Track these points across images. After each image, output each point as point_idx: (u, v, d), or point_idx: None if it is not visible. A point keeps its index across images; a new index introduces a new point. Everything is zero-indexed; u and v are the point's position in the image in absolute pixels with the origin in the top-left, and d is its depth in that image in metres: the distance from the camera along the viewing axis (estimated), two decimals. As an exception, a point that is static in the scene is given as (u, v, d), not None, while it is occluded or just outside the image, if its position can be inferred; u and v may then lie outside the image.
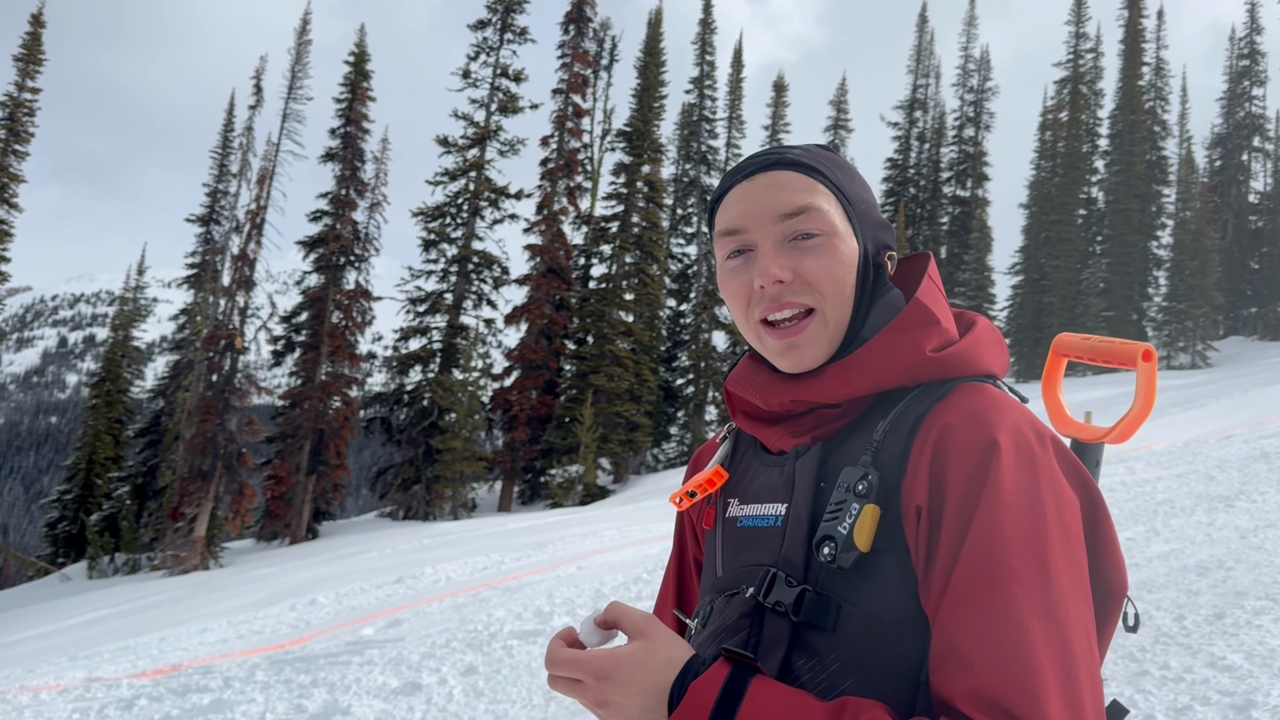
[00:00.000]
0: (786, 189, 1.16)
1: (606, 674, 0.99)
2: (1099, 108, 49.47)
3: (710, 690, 0.97)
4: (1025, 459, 1.03)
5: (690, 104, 43.57)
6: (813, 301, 1.15)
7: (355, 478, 40.80)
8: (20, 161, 33.88)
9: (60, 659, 11.08)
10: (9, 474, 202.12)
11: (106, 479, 37.94)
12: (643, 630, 1.03)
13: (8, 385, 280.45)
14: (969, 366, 1.14)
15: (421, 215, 33.96)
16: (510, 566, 12.87)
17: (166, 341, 40.18)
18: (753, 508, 1.21)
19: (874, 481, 1.06)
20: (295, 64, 32.76)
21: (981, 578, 0.98)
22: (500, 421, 33.92)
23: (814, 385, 1.15)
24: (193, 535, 27.34)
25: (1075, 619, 0.98)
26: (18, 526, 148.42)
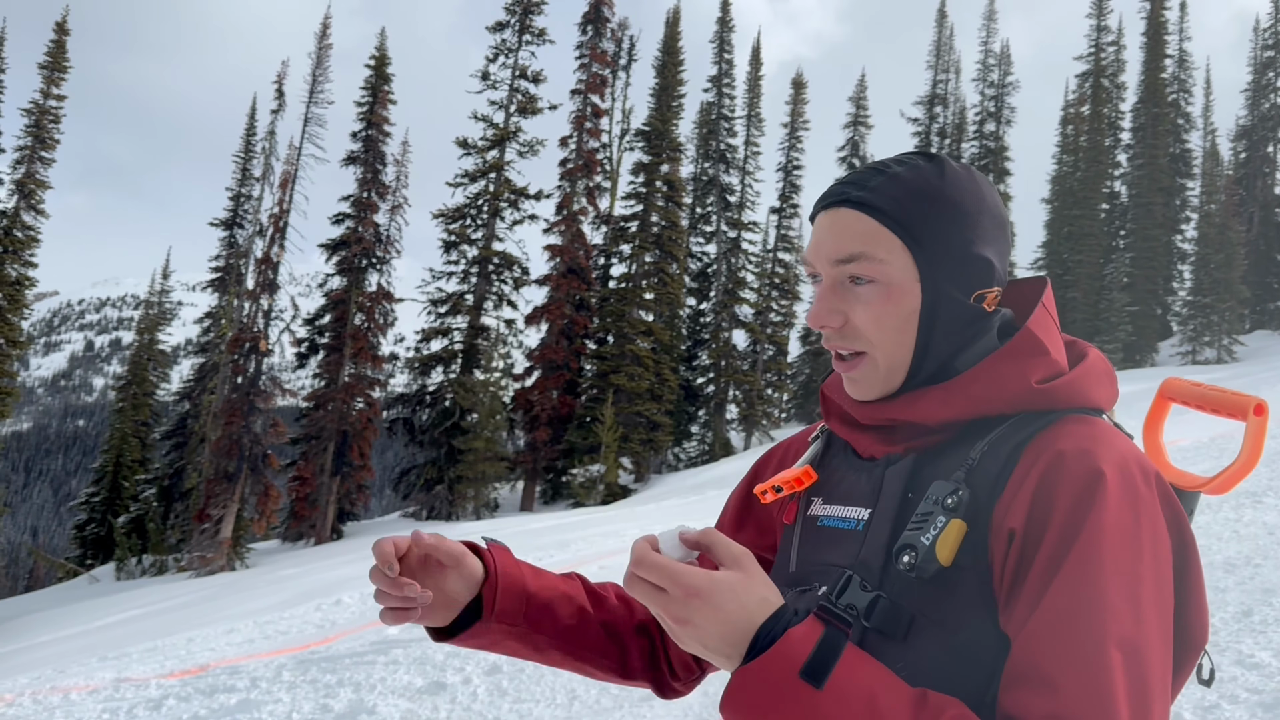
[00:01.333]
0: (845, 233, 1.14)
1: (700, 592, 0.96)
2: (1121, 101, 49.05)
3: (806, 643, 0.94)
4: (1130, 495, 1.02)
5: (709, 103, 43.53)
6: (863, 347, 1.15)
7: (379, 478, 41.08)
8: (46, 168, 34.25)
9: (90, 660, 11.20)
10: (38, 477, 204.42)
11: (133, 481, 38.33)
12: (740, 562, 0.99)
13: (36, 389, 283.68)
14: (1076, 399, 1.13)
15: (442, 217, 34.11)
16: (533, 566, 12.90)
17: (192, 344, 40.53)
18: (836, 509, 1.21)
19: (964, 498, 1.05)
20: (316, 68, 32.99)
21: (1074, 604, 0.97)
22: (522, 421, 34.03)
23: (913, 406, 1.14)
24: (219, 536, 27.58)
25: (1157, 659, 0.97)
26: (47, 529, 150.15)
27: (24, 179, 33.45)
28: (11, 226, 32.87)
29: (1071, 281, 43.77)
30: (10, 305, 32.63)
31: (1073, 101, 48.46)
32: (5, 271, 32.59)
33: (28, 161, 33.66)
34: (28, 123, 33.88)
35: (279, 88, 33.07)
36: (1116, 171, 48.12)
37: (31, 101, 33.90)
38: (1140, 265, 44.21)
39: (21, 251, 33.01)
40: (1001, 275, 1.20)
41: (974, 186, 1.17)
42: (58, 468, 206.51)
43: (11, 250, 32.73)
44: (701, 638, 0.97)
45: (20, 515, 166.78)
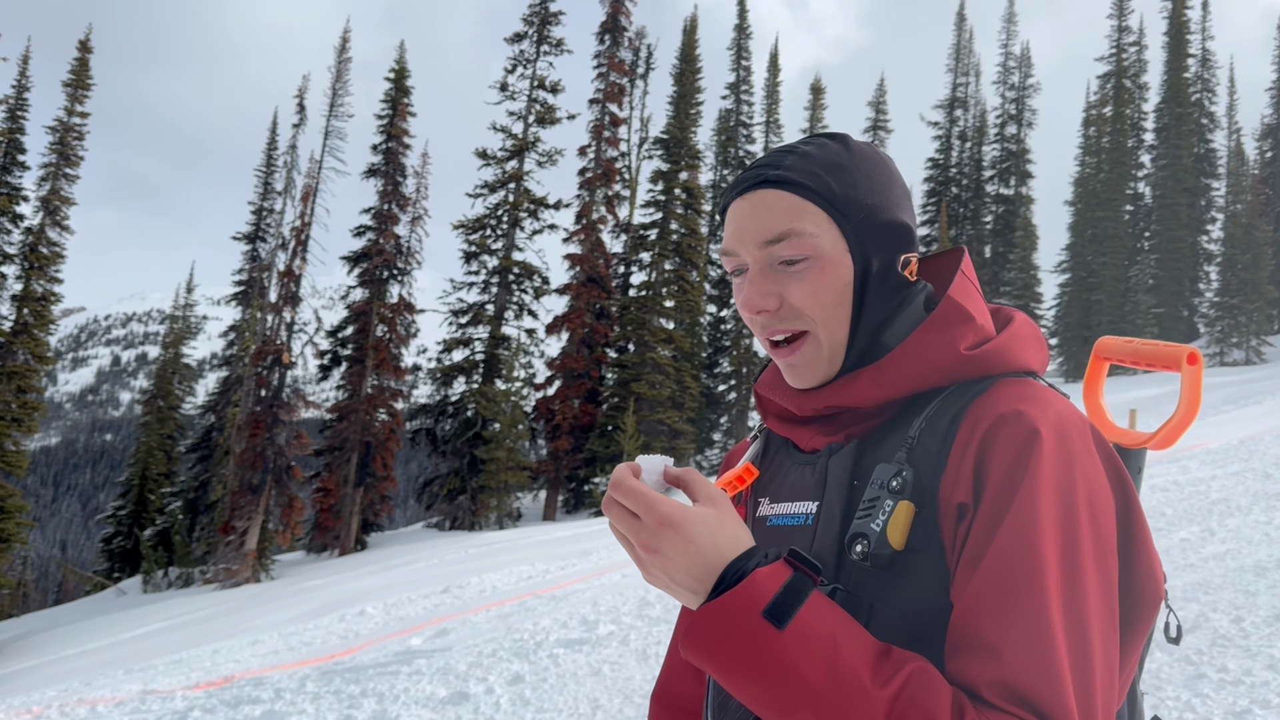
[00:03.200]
0: (770, 212, 1.12)
1: (672, 522, 0.96)
2: (1144, 101, 48.72)
3: (773, 583, 0.93)
4: (1065, 452, 1.01)
5: (727, 109, 43.56)
6: (804, 325, 1.14)
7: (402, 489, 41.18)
8: (71, 185, 34.64)
9: (116, 672, 11.28)
10: (66, 491, 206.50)
11: (159, 494, 38.62)
12: (716, 500, 0.99)
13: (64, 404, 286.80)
14: (1007, 364, 1.12)
15: (462, 228, 34.24)
16: (555, 575, 12.90)
17: (216, 358, 40.84)
18: (783, 506, 1.20)
19: (908, 478, 1.04)
20: (336, 82, 33.22)
21: (1013, 568, 0.96)
22: (543, 431, 34.06)
23: (847, 391, 1.13)
24: (244, 548, 27.72)
25: (1095, 615, 0.96)
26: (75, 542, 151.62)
27: (49, 196, 33.84)
28: (37, 243, 33.25)
29: (1096, 284, 43.44)
30: (37, 321, 32.99)
31: (1095, 103, 48.15)
32: (31, 288, 32.96)
33: (53, 178, 34.06)
34: (52, 140, 34.29)
35: (300, 101, 33.32)
36: (1140, 173, 47.76)
37: (56, 119, 34.32)
38: (1166, 267, 43.83)
39: (47, 268, 33.38)
40: (916, 242, 1.20)
41: (879, 158, 1.18)
42: (86, 482, 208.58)
43: (37, 267, 33.11)
44: (668, 569, 0.96)
45: (49, 529, 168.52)
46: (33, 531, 35.45)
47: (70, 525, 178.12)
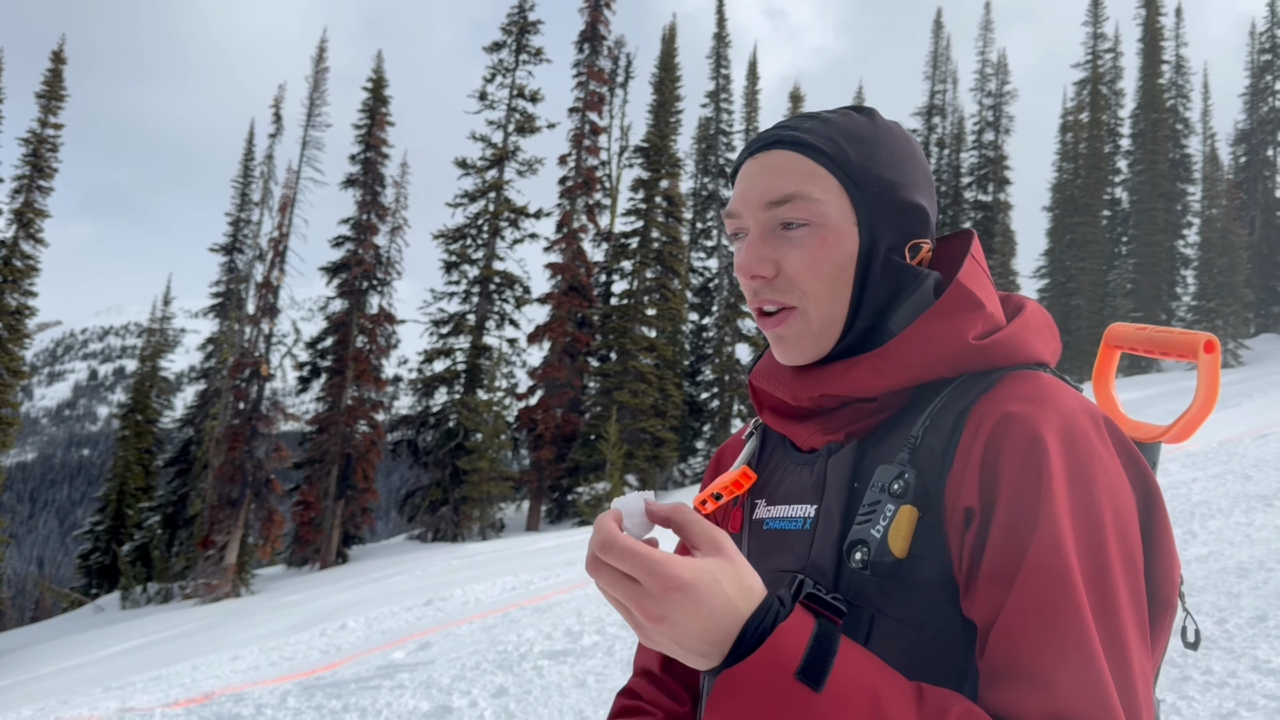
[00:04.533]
0: (779, 173, 1.06)
1: (682, 585, 0.82)
2: (1120, 108, 49.15)
3: (800, 637, 0.84)
4: (1085, 453, 0.95)
5: (707, 118, 43.66)
6: (794, 300, 1.07)
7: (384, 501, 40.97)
8: (45, 197, 34.34)
9: (94, 690, 11.13)
10: (43, 507, 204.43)
11: (138, 509, 38.27)
12: (720, 546, 0.87)
13: (40, 419, 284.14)
14: (1017, 354, 1.05)
15: (442, 237, 34.16)
16: (539, 586, 12.82)
17: (194, 371, 40.63)
18: (780, 509, 1.12)
19: (911, 481, 0.97)
20: (314, 91, 33.12)
21: (1048, 589, 0.90)
22: (526, 441, 33.97)
23: (846, 377, 1.06)
24: (224, 563, 27.49)
25: (1130, 628, 0.91)
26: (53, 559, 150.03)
27: (22, 208, 33.53)
28: (10, 256, 32.92)
29: (1075, 289, 43.74)
30: (11, 335, 32.65)
31: (1071, 109, 48.55)
32: (5, 301, 32.62)
33: (26, 191, 33.74)
34: (25, 152, 33.99)
35: (276, 111, 33.18)
36: (1117, 178, 48.17)
37: (29, 130, 34.03)
38: (1143, 271, 44.19)
39: (21, 281, 33.05)
40: (933, 228, 1.13)
41: (905, 137, 1.12)
42: (63, 497, 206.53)
43: (11, 280, 32.77)
44: (677, 636, 0.84)
45: (26, 546, 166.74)
46: (8, 548, 35.05)
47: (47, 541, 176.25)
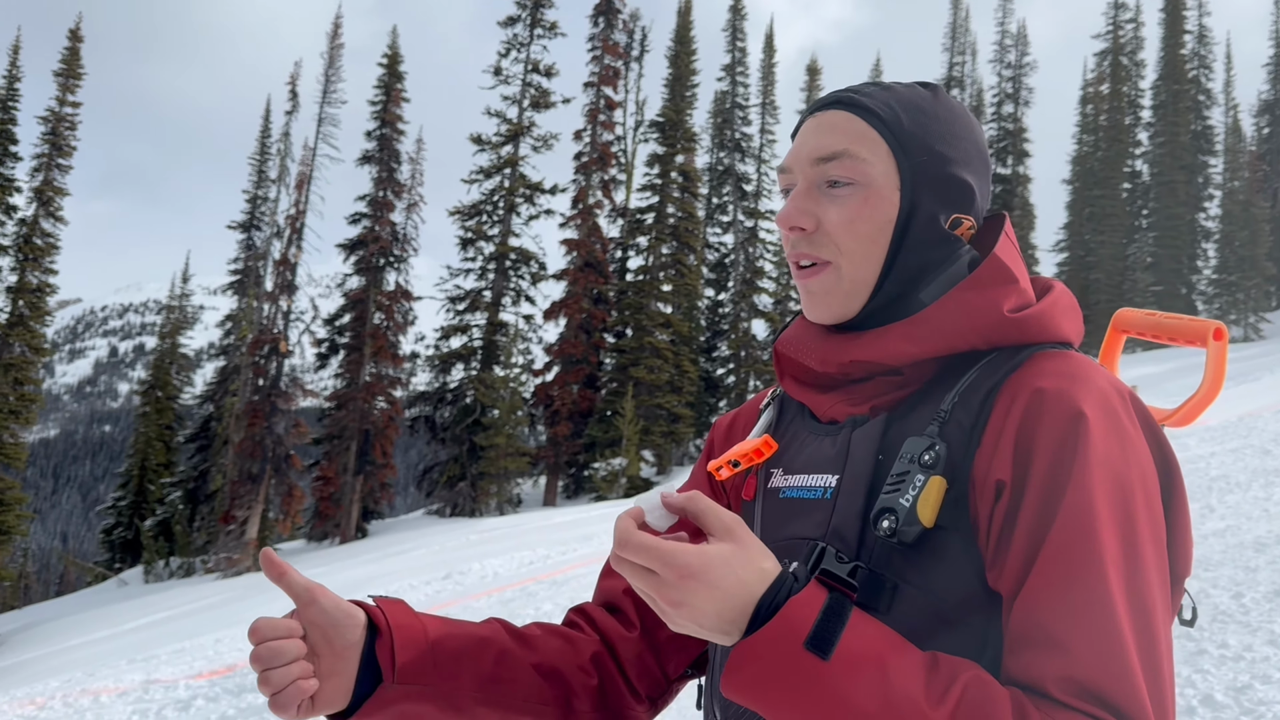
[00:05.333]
0: (832, 131, 1.10)
1: (692, 573, 0.89)
2: (1141, 79, 48.55)
3: (809, 609, 0.88)
4: (1115, 430, 0.96)
5: (723, 92, 43.37)
6: (830, 255, 1.09)
7: (402, 476, 41.25)
8: (65, 175, 34.51)
9: (119, 662, 11.31)
10: (66, 483, 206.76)
11: (159, 484, 38.68)
12: (732, 531, 0.92)
13: (62, 396, 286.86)
14: (1047, 331, 1.06)
15: (458, 214, 34.17)
16: (557, 560, 12.92)
17: (213, 347, 40.87)
18: (799, 478, 1.13)
19: (941, 453, 0.98)
20: (329, 68, 33.10)
21: (1073, 557, 0.92)
22: (542, 416, 34.09)
23: (877, 344, 1.07)
24: (244, 537, 27.79)
25: (1158, 604, 0.93)
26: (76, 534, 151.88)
27: (42, 186, 33.71)
28: (31, 234, 33.14)
29: (1094, 262, 43.42)
30: (32, 313, 32.91)
31: (1091, 80, 48.01)
32: (26, 279, 32.86)
33: (45, 169, 33.92)
34: (45, 130, 34.14)
35: (292, 89, 33.20)
36: (1137, 150, 47.66)
37: (48, 109, 34.15)
38: (1164, 244, 43.80)
39: (41, 259, 33.28)
40: (980, 210, 1.14)
41: (966, 116, 1.14)
42: (85, 473, 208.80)
43: (32, 258, 33.00)
44: (698, 619, 0.90)
45: (50, 521, 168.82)
46: (33, 524, 35.54)
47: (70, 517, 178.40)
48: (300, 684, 1.03)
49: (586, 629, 1.26)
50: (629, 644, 1.23)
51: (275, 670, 1.03)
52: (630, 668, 1.23)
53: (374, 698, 1.09)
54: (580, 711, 1.20)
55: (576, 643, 1.23)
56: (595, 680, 1.21)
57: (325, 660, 1.07)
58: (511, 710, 1.16)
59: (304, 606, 1.08)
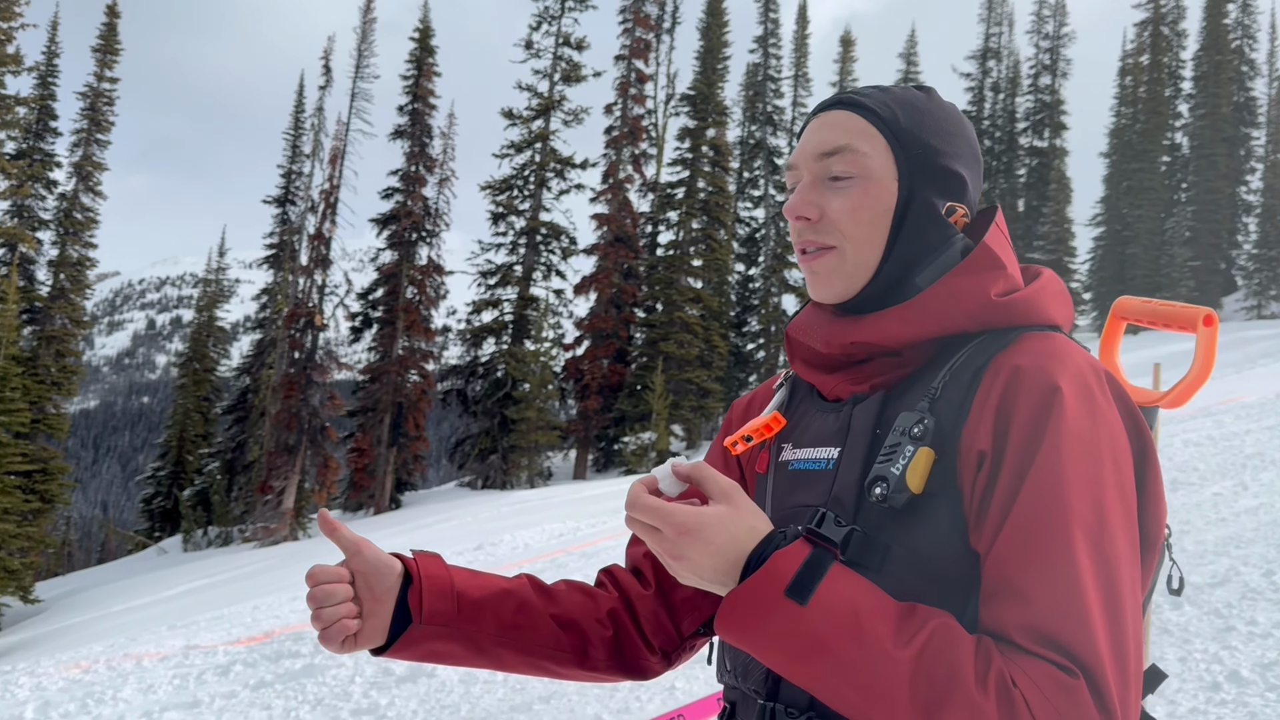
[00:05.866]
0: (834, 129, 1.19)
1: (689, 529, 1.02)
2: (1182, 49, 47.57)
3: (792, 562, 0.99)
4: (1087, 403, 1.05)
5: (755, 64, 43.00)
6: (834, 241, 1.19)
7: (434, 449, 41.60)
8: (103, 150, 34.94)
9: (160, 628, 11.55)
10: (106, 453, 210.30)
11: (197, 455, 39.30)
12: (728, 495, 1.05)
13: (101, 368, 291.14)
14: (1034, 315, 1.15)
15: (489, 189, 34.23)
16: (586, 532, 13.04)
17: (250, 321, 41.35)
18: (806, 451, 1.23)
19: (929, 426, 1.07)
20: (361, 42, 33.15)
21: (1040, 517, 1.00)
22: (573, 391, 34.24)
23: (876, 326, 1.16)
24: (281, 507, 28.20)
25: (1125, 561, 1.00)
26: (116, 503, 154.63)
27: (81, 161, 34.18)
28: (71, 209, 33.64)
29: (1131, 237, 42.78)
30: (73, 286, 33.46)
31: (1131, 51, 47.09)
32: (67, 253, 33.41)
33: (84, 144, 34.36)
34: (83, 106, 34.55)
35: (325, 63, 33.30)
36: (1177, 122, 46.76)
37: (86, 85, 34.54)
38: (1203, 218, 43.04)
39: (82, 233, 33.80)
40: (972, 200, 1.24)
41: (957, 115, 1.24)
42: (125, 444, 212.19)
43: (72, 232, 33.53)
44: (696, 570, 1.03)
45: (91, 490, 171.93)
46: (74, 492, 36.22)
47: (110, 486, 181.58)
48: (345, 622, 1.21)
49: (610, 587, 1.39)
50: (645, 601, 1.35)
51: (325, 609, 1.21)
52: (646, 624, 1.35)
53: (405, 636, 1.26)
54: (596, 659, 1.34)
55: (597, 598, 1.37)
56: (610, 632, 1.35)
57: (367, 603, 1.25)
58: (530, 654, 1.31)
59: (351, 557, 1.26)
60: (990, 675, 0.94)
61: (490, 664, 1.31)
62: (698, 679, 5.74)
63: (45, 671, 9.09)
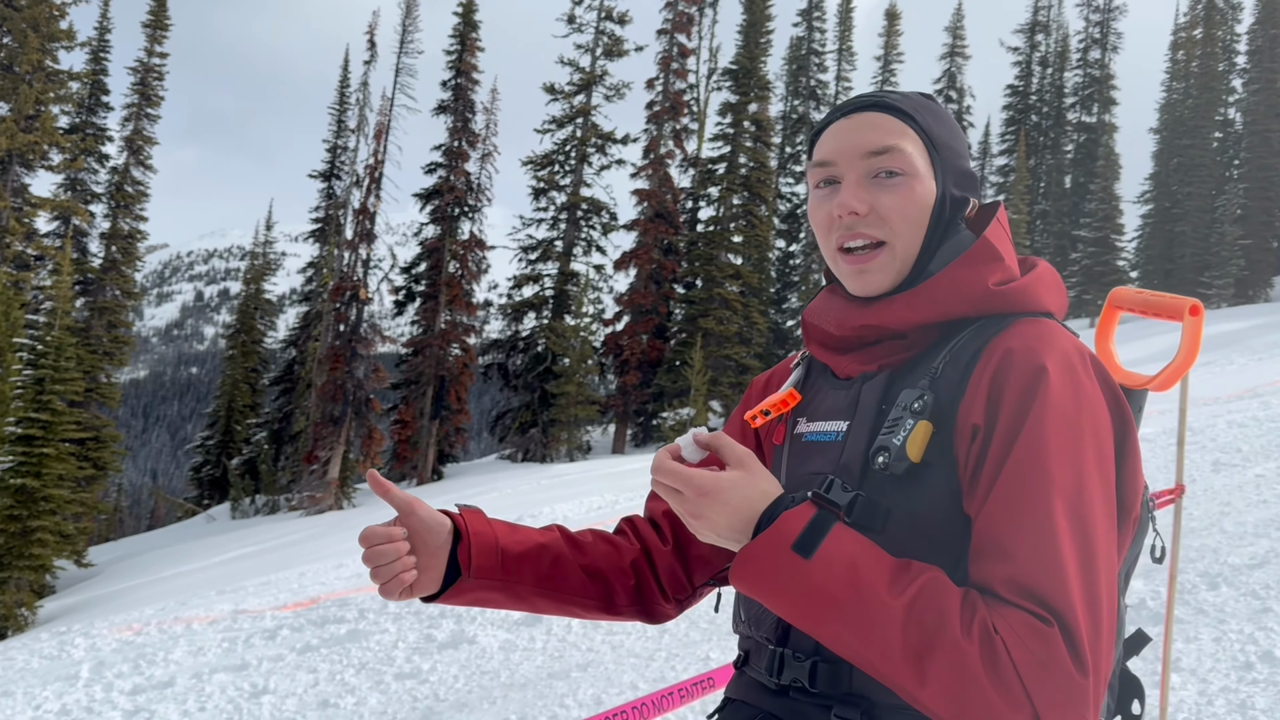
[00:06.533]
0: (877, 129, 1.28)
1: (707, 491, 1.14)
2: (1237, 23, 46.35)
3: (799, 521, 1.11)
4: (1071, 382, 1.15)
5: (798, 38, 42.60)
6: (884, 235, 1.28)
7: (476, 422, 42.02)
8: (153, 124, 35.46)
9: (209, 593, 11.87)
10: (155, 422, 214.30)
11: (245, 425, 39.95)
12: (743, 461, 1.17)
13: (150, 338, 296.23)
14: (1028, 303, 1.26)
15: (531, 164, 34.30)
16: (624, 506, 13.18)
17: (296, 293, 41.77)
18: (818, 425, 1.35)
19: (929, 401, 1.19)
20: (406, 17, 33.25)
21: (1024, 482, 1.10)
22: (612, 366, 34.35)
23: (885, 311, 1.27)
24: (327, 477, 28.67)
25: (1100, 524, 1.11)
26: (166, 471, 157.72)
27: (132, 136, 34.73)
28: (122, 182, 34.24)
29: (1180, 215, 41.96)
30: (124, 258, 34.12)
31: (1184, 25, 46.00)
32: (118, 226, 34.05)
33: (135, 119, 34.90)
34: (134, 81, 35.05)
35: (370, 38, 33.46)
36: (1231, 98, 45.66)
37: (137, 60, 35.03)
38: (1255, 196, 42.04)
39: (132, 206, 34.42)
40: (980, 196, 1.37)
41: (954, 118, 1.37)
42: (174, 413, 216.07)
43: (123, 205, 34.14)
44: (714, 528, 1.15)
45: (141, 459, 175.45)
46: (125, 460, 37.00)
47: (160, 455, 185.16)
48: (402, 576, 1.34)
49: (631, 538, 1.53)
50: (663, 555, 1.50)
51: (383, 566, 1.33)
52: (663, 575, 1.50)
53: (455, 587, 1.41)
54: (620, 605, 1.50)
55: (621, 550, 1.50)
56: (633, 581, 1.50)
57: (422, 557, 1.39)
58: (564, 602, 1.47)
59: (405, 516, 1.38)
60: (975, 623, 1.05)
61: (526, 609, 1.46)
62: (731, 650, 5.85)
63: (99, 633, 9.40)
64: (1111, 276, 40.42)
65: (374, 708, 6.01)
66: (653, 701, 2.63)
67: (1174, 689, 4.36)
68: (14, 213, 28.72)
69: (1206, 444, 9.69)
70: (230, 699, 6.49)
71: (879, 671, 1.08)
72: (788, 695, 1.24)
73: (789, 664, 1.23)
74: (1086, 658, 1.04)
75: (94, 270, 32.96)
